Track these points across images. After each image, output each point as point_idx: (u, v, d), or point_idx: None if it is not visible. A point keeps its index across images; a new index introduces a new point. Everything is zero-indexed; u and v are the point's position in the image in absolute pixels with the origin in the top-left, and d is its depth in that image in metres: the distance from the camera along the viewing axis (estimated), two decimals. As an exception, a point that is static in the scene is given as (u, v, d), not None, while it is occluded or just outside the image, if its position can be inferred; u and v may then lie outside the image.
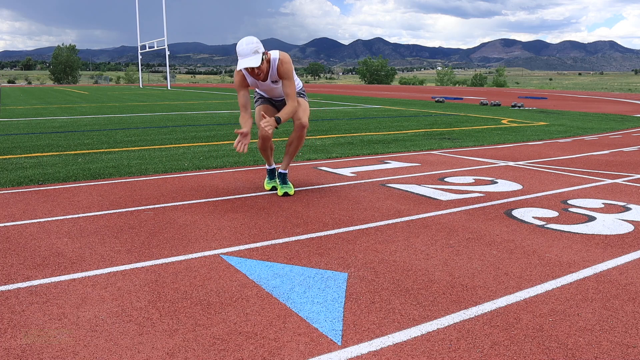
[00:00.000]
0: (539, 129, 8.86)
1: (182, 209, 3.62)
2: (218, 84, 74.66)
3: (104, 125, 9.63)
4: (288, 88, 3.82)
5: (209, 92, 31.00)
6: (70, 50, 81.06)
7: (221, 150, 6.34)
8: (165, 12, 38.35)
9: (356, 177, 4.72)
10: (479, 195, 4.03)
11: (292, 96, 3.82)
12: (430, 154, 6.18)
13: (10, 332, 1.89)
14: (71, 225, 3.24)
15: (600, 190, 4.22)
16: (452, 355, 1.75)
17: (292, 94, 3.83)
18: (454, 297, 2.20)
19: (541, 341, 1.84)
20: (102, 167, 5.19)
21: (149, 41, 43.44)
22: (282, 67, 3.78)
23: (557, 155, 6.06)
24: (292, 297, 2.19)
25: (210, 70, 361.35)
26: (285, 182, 4.13)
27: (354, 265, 2.56)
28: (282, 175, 4.14)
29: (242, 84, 3.86)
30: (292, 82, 3.85)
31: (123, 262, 2.60)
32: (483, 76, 66.14)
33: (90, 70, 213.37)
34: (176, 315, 2.03)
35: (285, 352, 1.77)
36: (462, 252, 2.75)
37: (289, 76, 3.82)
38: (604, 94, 27.78)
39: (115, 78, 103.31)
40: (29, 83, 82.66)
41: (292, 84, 3.84)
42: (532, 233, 3.09)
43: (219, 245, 2.86)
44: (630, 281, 2.37)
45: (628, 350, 1.78)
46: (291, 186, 4.15)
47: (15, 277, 2.40)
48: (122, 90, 34.58)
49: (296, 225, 3.24)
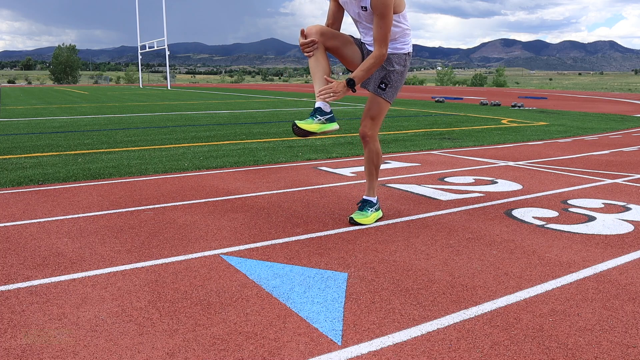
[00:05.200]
0: (539, 129, 8.86)
1: (182, 209, 3.62)
2: (218, 84, 74.67)
3: (104, 125, 9.63)
4: (378, 28, 2.72)
5: (209, 92, 31.00)
6: (70, 51, 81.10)
7: (221, 150, 6.34)
8: (165, 12, 38.35)
9: (356, 177, 4.72)
10: (479, 195, 4.03)
11: (381, 41, 2.74)
12: (430, 154, 6.18)
13: (10, 332, 1.89)
14: (71, 225, 3.24)
15: (600, 190, 4.22)
16: (452, 355, 1.75)
17: (382, 37, 2.73)
18: (454, 297, 2.20)
19: (541, 341, 1.84)
20: (102, 167, 5.19)
21: (149, 41, 43.45)
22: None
23: (557, 155, 6.06)
24: (292, 297, 2.19)
25: (210, 70, 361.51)
26: (362, 209, 3.26)
27: (354, 265, 2.56)
28: (363, 201, 3.31)
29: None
30: (387, 22, 2.71)
31: (123, 262, 2.60)
32: (483, 76, 66.14)
33: (90, 70, 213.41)
34: (176, 315, 2.03)
35: (285, 352, 1.77)
36: (462, 252, 2.75)
37: (382, 13, 2.69)
38: (604, 94, 27.78)
39: (115, 78, 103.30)
40: (29, 83, 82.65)
41: (385, 24, 2.71)
42: (532, 233, 3.09)
43: (219, 245, 2.86)
44: (630, 281, 2.37)
45: (628, 350, 1.78)
46: (367, 215, 3.23)
47: (15, 277, 2.40)
48: (122, 90, 34.58)
49: (296, 225, 3.24)
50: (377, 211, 3.31)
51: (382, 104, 3.05)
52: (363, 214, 3.23)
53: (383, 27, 2.72)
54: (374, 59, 2.77)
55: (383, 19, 2.70)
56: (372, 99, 3.05)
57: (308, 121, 2.90)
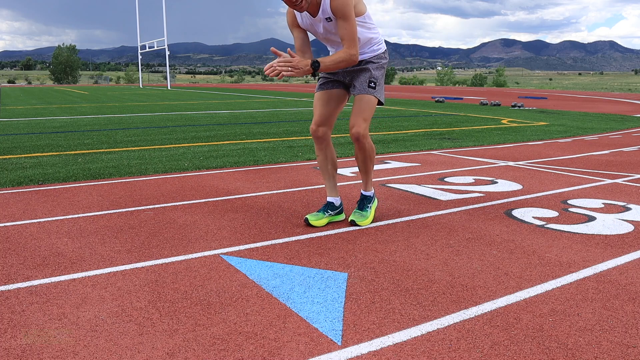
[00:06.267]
0: (539, 129, 8.86)
1: (182, 209, 3.62)
2: (218, 84, 74.66)
3: (104, 125, 9.63)
4: (343, 30, 2.78)
5: (209, 92, 31.00)
6: (71, 51, 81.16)
7: (221, 150, 6.34)
8: (165, 12, 38.37)
9: (356, 177, 4.72)
10: (479, 195, 4.03)
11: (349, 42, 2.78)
12: (430, 154, 6.18)
13: (10, 332, 1.89)
14: (71, 225, 3.24)
15: (600, 190, 4.22)
16: (452, 355, 1.75)
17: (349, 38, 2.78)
18: (454, 297, 2.20)
19: (541, 341, 1.84)
20: (102, 167, 5.19)
21: (149, 41, 43.47)
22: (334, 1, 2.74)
23: (557, 155, 6.06)
24: (292, 297, 2.19)
25: (210, 70, 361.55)
26: (361, 207, 3.26)
27: (354, 265, 2.56)
28: (361, 198, 3.29)
29: (293, 23, 2.99)
30: (351, 23, 2.77)
31: (123, 262, 2.60)
32: (483, 76, 66.16)
33: (90, 70, 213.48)
34: (176, 315, 2.03)
35: (285, 352, 1.77)
36: (462, 252, 2.75)
37: (344, 14, 2.75)
38: (604, 94, 27.78)
39: (115, 78, 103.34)
40: (29, 83, 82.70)
41: (349, 25, 2.77)
42: (532, 233, 3.09)
43: (219, 245, 2.86)
44: (630, 281, 2.37)
45: (628, 350, 1.78)
46: (366, 215, 3.23)
47: (15, 277, 2.40)
48: (122, 90, 34.58)
49: (296, 225, 3.24)
50: (374, 202, 3.34)
51: (373, 103, 3.06)
52: (362, 215, 3.23)
53: (348, 27, 2.77)
54: (345, 55, 2.79)
55: (346, 20, 2.76)
56: (362, 98, 3.04)
57: (319, 216, 3.20)
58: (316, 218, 3.19)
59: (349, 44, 2.79)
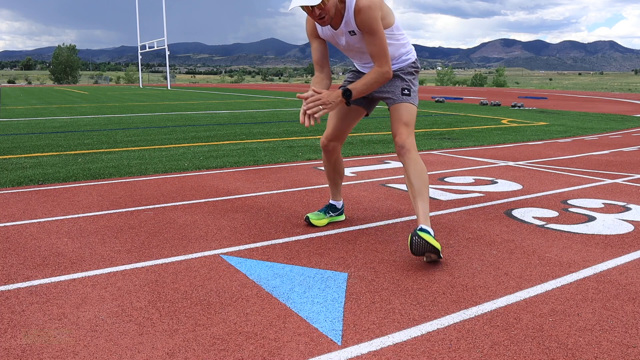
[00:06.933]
0: (539, 129, 8.86)
1: (182, 209, 3.62)
2: (218, 84, 74.68)
3: (104, 125, 9.63)
4: (372, 46, 2.57)
5: (209, 92, 31.00)
6: (70, 50, 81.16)
7: (221, 150, 6.34)
8: (165, 12, 38.37)
9: (356, 177, 4.72)
10: (479, 195, 4.03)
11: (380, 59, 2.58)
12: (430, 154, 6.18)
13: (10, 332, 1.89)
14: (71, 225, 3.24)
15: (600, 190, 4.22)
16: (452, 355, 1.75)
17: (379, 54, 2.57)
18: (454, 297, 2.20)
19: (541, 341, 1.84)
20: (102, 167, 5.19)
21: (149, 41, 43.48)
22: (359, 15, 2.52)
23: (557, 155, 6.06)
24: (292, 297, 2.19)
25: (210, 70, 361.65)
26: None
27: (354, 265, 2.56)
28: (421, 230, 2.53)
29: (312, 33, 2.79)
30: (380, 37, 2.55)
31: (123, 262, 2.60)
32: (483, 76, 66.15)
33: (90, 70, 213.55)
34: (176, 315, 2.03)
35: (285, 352, 1.77)
36: (462, 252, 2.75)
37: (371, 29, 2.54)
38: (604, 94, 27.78)
39: (115, 78, 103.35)
40: (29, 83, 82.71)
41: (379, 40, 2.55)
42: (532, 233, 3.09)
43: (219, 245, 2.86)
44: (630, 281, 2.37)
45: (628, 350, 1.78)
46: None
47: (15, 277, 2.40)
48: (122, 90, 34.59)
49: (296, 225, 3.24)
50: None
51: (411, 108, 2.83)
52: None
53: (377, 43, 2.56)
54: (377, 75, 2.60)
55: (374, 35, 2.55)
56: (399, 107, 2.81)
57: (320, 216, 3.21)
58: (317, 217, 3.19)
59: (379, 61, 2.58)
